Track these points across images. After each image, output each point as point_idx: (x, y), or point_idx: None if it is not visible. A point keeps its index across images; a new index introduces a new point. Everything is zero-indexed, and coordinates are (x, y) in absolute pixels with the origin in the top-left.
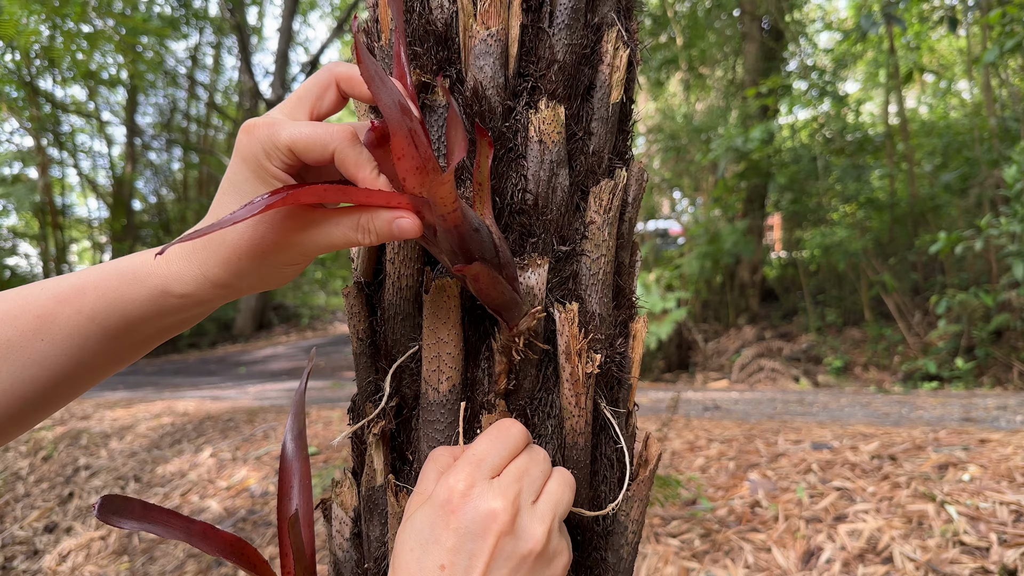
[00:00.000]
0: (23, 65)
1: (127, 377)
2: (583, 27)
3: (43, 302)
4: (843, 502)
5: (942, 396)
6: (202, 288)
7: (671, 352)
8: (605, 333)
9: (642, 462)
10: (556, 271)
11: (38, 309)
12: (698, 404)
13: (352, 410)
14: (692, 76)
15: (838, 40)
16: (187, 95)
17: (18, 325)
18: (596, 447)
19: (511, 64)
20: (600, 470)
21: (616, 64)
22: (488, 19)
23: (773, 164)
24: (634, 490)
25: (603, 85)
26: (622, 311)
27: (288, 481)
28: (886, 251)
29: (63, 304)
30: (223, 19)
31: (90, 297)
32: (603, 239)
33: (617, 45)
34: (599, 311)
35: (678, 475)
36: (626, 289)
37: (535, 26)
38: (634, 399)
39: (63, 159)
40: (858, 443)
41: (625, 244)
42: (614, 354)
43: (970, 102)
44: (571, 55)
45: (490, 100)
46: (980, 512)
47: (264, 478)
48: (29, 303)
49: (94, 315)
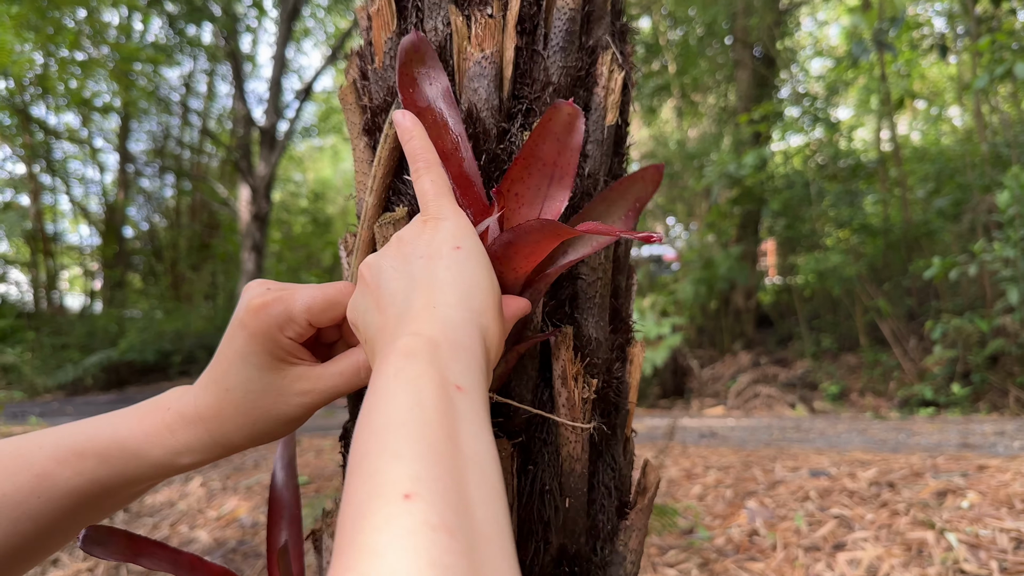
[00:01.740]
0: (16, 92)
1: (118, 406)
2: (578, 50)
3: (42, 462)
4: (842, 530)
5: (939, 422)
6: (212, 453)
7: (666, 378)
8: (602, 357)
9: (640, 490)
10: (553, 294)
11: (37, 468)
12: (694, 431)
13: (344, 438)
14: (685, 103)
15: (830, 67)
16: (180, 122)
17: (16, 481)
18: (594, 474)
19: (506, 86)
20: (598, 498)
21: (611, 86)
22: (483, 41)
23: (766, 190)
24: (632, 519)
25: (598, 107)
26: (619, 335)
27: (278, 511)
28: (880, 276)
29: (63, 466)
30: (217, 47)
31: (90, 463)
32: (599, 262)
33: (612, 68)
34: (596, 335)
35: (675, 503)
36: (623, 312)
37: (530, 48)
38: (631, 425)
39: (55, 186)
40: (856, 470)
41: (621, 267)
42: (611, 379)
43: (961, 128)
44: (566, 77)
45: (484, 122)
46: (980, 539)
47: (254, 508)
48: (29, 461)
49: (94, 479)
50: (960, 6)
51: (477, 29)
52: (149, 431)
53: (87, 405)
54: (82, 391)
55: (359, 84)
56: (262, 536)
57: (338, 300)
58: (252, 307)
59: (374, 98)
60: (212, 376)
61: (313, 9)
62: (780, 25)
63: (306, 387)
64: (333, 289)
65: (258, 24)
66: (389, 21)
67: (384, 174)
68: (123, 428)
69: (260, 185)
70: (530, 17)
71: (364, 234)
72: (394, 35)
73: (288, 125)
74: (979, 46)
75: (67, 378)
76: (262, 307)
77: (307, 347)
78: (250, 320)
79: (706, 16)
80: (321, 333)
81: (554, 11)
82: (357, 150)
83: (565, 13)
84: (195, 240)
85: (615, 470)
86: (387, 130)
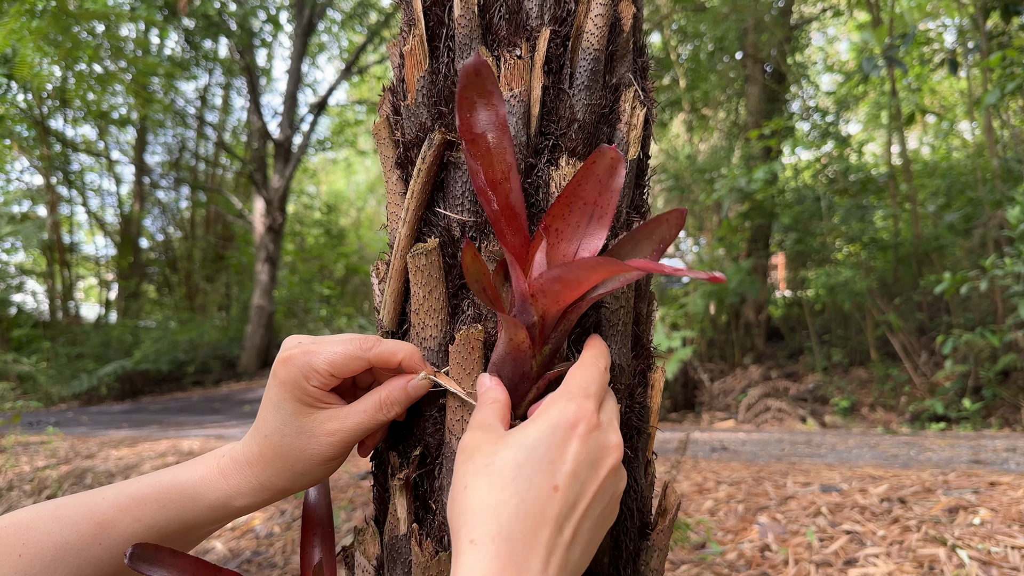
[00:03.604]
0: (35, 105)
1: (132, 415)
2: (602, 88)
3: (104, 510)
4: (853, 546)
5: (950, 437)
6: (260, 497)
7: (677, 391)
8: (625, 383)
9: (661, 511)
10: (578, 322)
11: (99, 516)
12: (705, 445)
13: (375, 457)
14: (695, 117)
15: (840, 82)
16: (196, 134)
17: (78, 530)
18: None
19: (533, 123)
20: (620, 519)
21: (633, 122)
22: (512, 81)
23: (777, 204)
24: (654, 539)
25: (621, 142)
26: (640, 361)
27: (311, 529)
28: (891, 291)
29: (123, 513)
30: (233, 61)
31: (150, 508)
32: (622, 291)
33: (634, 104)
34: (619, 361)
35: (687, 518)
36: (644, 339)
37: (556, 87)
38: (652, 448)
39: (72, 197)
40: (867, 485)
41: (643, 295)
42: (634, 404)
43: (972, 143)
44: (590, 114)
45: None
46: (992, 556)
47: (269, 519)
48: (91, 511)
49: (154, 524)
50: (970, 21)
51: (506, 69)
52: (205, 475)
53: (102, 414)
54: (97, 400)
55: (391, 119)
56: (277, 547)
57: (359, 356)
58: (281, 359)
59: (407, 133)
60: (256, 425)
61: (328, 24)
62: (790, 41)
63: (334, 427)
64: (354, 346)
65: (273, 39)
66: (421, 60)
67: (416, 207)
68: (182, 475)
69: (274, 197)
70: (556, 57)
71: (397, 263)
72: (427, 73)
73: (303, 138)
74: (990, 62)
75: (82, 387)
76: (289, 359)
77: (343, 391)
78: (280, 370)
79: (716, 31)
80: (357, 379)
81: (579, 51)
82: (390, 183)
83: (590, 53)
84: (210, 251)
85: (637, 492)
86: (419, 165)
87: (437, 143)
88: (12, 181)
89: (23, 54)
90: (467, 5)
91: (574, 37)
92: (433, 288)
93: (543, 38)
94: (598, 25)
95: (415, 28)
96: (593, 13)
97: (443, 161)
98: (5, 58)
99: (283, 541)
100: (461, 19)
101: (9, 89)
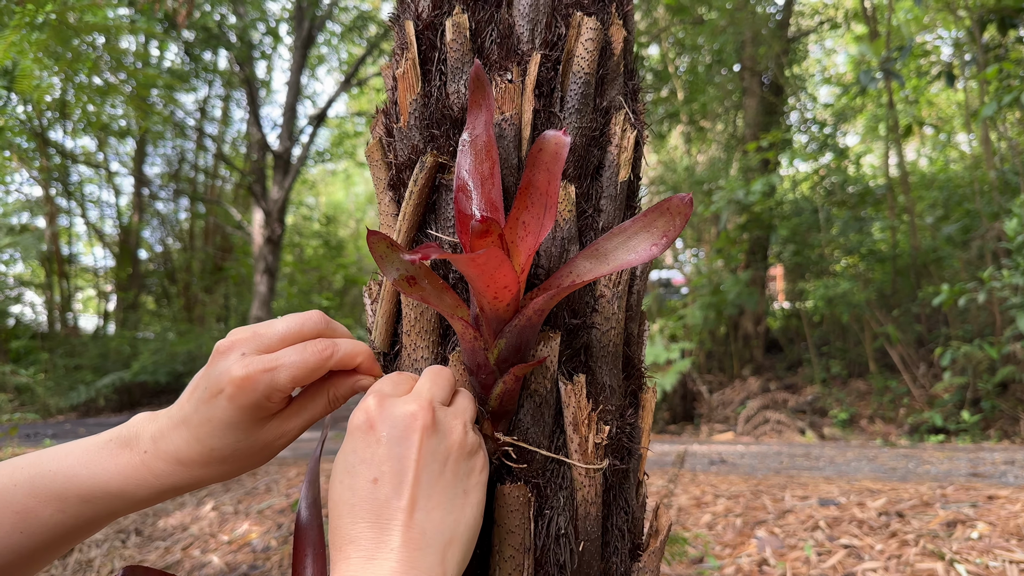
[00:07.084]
0: (34, 116)
1: None
2: (592, 111)
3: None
4: (851, 560)
5: (949, 450)
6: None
7: (675, 403)
8: (615, 404)
9: (652, 532)
10: (567, 343)
11: (17, 506)
12: (704, 457)
13: None
14: (693, 129)
15: (838, 94)
16: (195, 146)
17: None
18: (607, 517)
19: (524, 146)
20: (611, 540)
21: (624, 145)
22: (503, 105)
23: (775, 216)
24: (645, 561)
25: (612, 165)
26: (632, 381)
27: (302, 549)
28: (889, 303)
29: (44, 504)
30: (232, 73)
31: (73, 504)
32: (612, 312)
33: (625, 127)
34: (609, 382)
35: (685, 532)
36: (635, 359)
37: (547, 110)
38: (644, 468)
39: (71, 208)
40: (865, 499)
41: (634, 316)
42: (624, 424)
43: (969, 155)
44: (581, 137)
45: (504, 180)
46: (990, 571)
47: (266, 532)
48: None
49: (79, 514)
50: (967, 34)
51: (497, 93)
52: (130, 475)
53: (99, 426)
54: (95, 412)
55: (384, 141)
56: (274, 560)
57: (322, 367)
58: (236, 380)
59: (399, 155)
60: (196, 435)
61: (328, 36)
62: (788, 53)
63: (286, 428)
64: (315, 357)
65: (273, 51)
66: (414, 84)
67: (408, 228)
68: (101, 472)
69: (273, 209)
70: (547, 81)
71: (389, 284)
72: (419, 96)
73: (302, 150)
74: (987, 74)
75: (80, 399)
76: (247, 381)
77: None
78: (237, 394)
79: (714, 44)
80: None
81: (570, 75)
82: (383, 204)
83: (580, 77)
84: (208, 263)
85: (628, 513)
86: (411, 187)
87: (429, 165)
88: (11, 193)
89: (24, 67)
90: (459, 29)
91: (565, 61)
92: (425, 309)
93: (534, 62)
94: (588, 49)
95: (408, 52)
96: (583, 37)
97: (435, 183)
98: (5, 71)
99: (280, 555)
100: (453, 43)
101: (9, 101)
